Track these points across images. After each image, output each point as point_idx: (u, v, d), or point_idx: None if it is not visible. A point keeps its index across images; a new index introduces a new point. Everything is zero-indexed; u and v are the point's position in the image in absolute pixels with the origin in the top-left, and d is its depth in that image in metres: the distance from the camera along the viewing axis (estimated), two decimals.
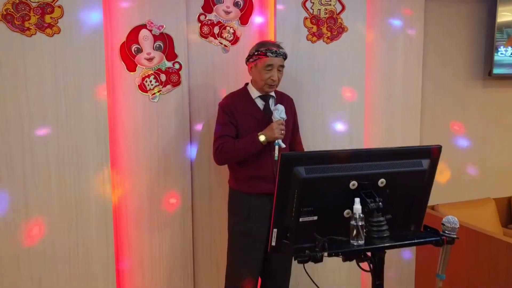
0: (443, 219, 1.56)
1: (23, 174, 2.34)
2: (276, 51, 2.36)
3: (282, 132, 2.31)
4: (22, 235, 2.36)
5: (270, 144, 2.34)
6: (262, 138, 2.31)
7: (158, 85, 2.63)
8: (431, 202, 3.30)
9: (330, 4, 2.87)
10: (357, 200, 1.45)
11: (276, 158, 2.31)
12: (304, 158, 1.48)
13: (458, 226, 1.55)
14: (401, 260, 3.34)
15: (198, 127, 2.75)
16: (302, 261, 1.41)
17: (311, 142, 2.85)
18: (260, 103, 2.45)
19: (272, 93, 2.49)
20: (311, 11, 2.84)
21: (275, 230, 1.51)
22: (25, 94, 2.31)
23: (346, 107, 2.97)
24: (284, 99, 2.53)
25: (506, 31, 3.45)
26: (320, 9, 2.85)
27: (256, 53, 2.38)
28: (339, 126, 2.97)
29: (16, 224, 2.35)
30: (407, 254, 3.36)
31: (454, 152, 3.56)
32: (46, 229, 2.40)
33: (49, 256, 2.42)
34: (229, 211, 2.55)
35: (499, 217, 3.60)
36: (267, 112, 2.41)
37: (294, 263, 2.51)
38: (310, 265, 1.42)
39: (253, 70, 2.43)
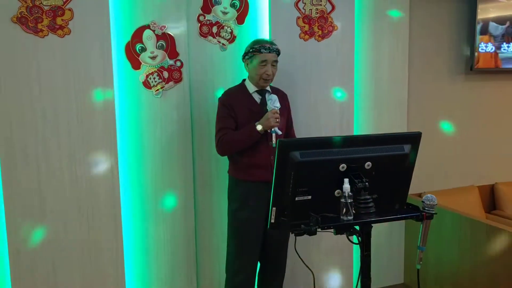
0: (423, 197, 1.76)
1: (37, 166, 2.51)
2: (269, 47, 2.56)
3: (277, 120, 2.49)
4: (37, 224, 2.53)
5: (266, 133, 2.52)
6: (259, 127, 2.50)
7: (161, 82, 2.80)
8: (417, 190, 3.54)
9: (321, 4, 3.06)
10: (346, 180, 1.64)
11: (274, 145, 2.49)
12: (299, 143, 1.67)
13: (436, 203, 1.75)
14: (390, 246, 3.55)
15: (199, 120, 2.92)
16: (299, 234, 1.60)
17: (304, 133, 3.05)
18: (257, 98, 2.64)
19: (268, 88, 2.67)
20: (303, 11, 3.03)
21: (274, 208, 1.70)
22: (38, 90, 2.48)
23: (336, 101, 3.16)
24: (279, 95, 2.71)
25: (485, 27, 3.66)
26: (311, 9, 3.04)
27: (251, 50, 2.57)
28: (330, 119, 3.17)
29: (31, 214, 2.52)
30: (396, 240, 3.57)
31: (440, 143, 3.76)
32: (60, 218, 2.57)
33: (62, 244, 2.59)
34: (228, 198, 2.73)
35: (482, 204, 3.82)
36: (264, 105, 2.60)
37: (290, 249, 2.73)
38: (304, 250, 1.59)
39: (249, 66, 2.62)
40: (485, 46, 3.67)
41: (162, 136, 2.83)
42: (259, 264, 2.79)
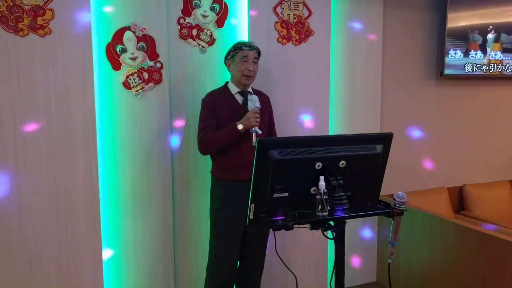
0: (394, 194, 1.86)
1: (16, 165, 2.51)
2: (249, 45, 2.67)
3: (258, 120, 2.55)
4: (14, 223, 2.53)
5: (248, 133, 2.57)
6: (240, 126, 2.56)
7: (141, 83, 2.84)
8: (389, 190, 3.67)
9: (298, 10, 3.15)
10: (321, 178, 1.72)
11: (254, 144, 2.54)
12: (277, 142, 1.74)
13: (406, 200, 1.85)
14: (364, 247, 3.65)
15: (178, 121, 2.97)
16: (276, 229, 1.67)
17: (283, 130, 3.13)
18: (239, 98, 2.71)
19: (250, 90, 2.75)
20: (281, 15, 3.11)
21: (252, 205, 1.77)
22: (18, 90, 2.49)
23: (313, 102, 3.26)
24: (261, 97, 2.78)
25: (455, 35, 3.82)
26: (289, 14, 3.13)
27: (232, 50, 2.67)
28: (307, 119, 3.26)
29: (9, 213, 2.52)
30: (369, 240, 3.68)
31: (410, 145, 3.90)
32: (37, 217, 2.58)
33: (40, 243, 2.60)
34: (211, 197, 2.79)
35: (451, 204, 3.97)
36: (246, 106, 2.66)
37: (269, 248, 2.80)
38: (281, 250, 1.62)
39: (231, 66, 2.69)
40: (454, 53, 3.83)
41: (141, 137, 2.87)
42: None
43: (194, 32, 2.97)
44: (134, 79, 2.83)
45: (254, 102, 2.60)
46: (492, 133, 4.26)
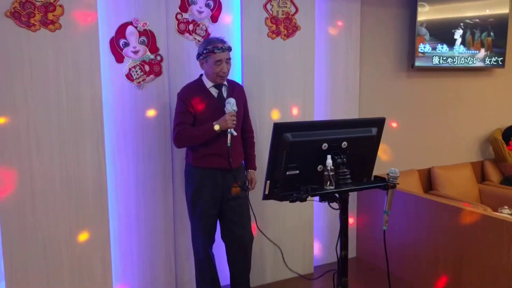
0: (388, 170, 2.14)
1: (29, 153, 2.66)
2: (221, 47, 2.78)
3: (234, 122, 2.75)
4: (28, 209, 2.68)
5: (223, 131, 2.74)
6: (216, 127, 2.73)
7: (143, 75, 3.02)
8: None
9: (286, 7, 3.40)
10: (329, 156, 1.97)
11: (229, 144, 2.70)
12: (291, 126, 1.99)
13: (398, 175, 2.14)
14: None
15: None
16: (292, 201, 1.92)
17: (271, 117, 3.40)
18: (214, 92, 2.88)
19: (225, 82, 2.91)
20: (271, 12, 3.35)
21: (268, 181, 2.00)
22: (30, 82, 2.62)
23: (300, 91, 3.53)
24: (235, 87, 2.97)
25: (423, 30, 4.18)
26: (278, 11, 3.37)
27: (204, 52, 2.78)
28: (294, 108, 3.53)
29: (23, 199, 2.66)
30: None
31: (385, 132, 4.18)
32: (50, 203, 2.73)
33: (52, 227, 2.76)
34: (186, 183, 2.98)
35: (421, 185, 4.35)
36: (221, 99, 2.84)
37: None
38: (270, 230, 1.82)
39: (204, 66, 2.84)
40: (424, 47, 4.18)
41: (143, 126, 3.05)
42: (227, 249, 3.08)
43: (191, 27, 3.16)
44: (136, 71, 3.00)
45: (232, 105, 2.76)
46: (456, 120, 4.67)
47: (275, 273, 3.59)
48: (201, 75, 2.93)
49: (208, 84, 2.88)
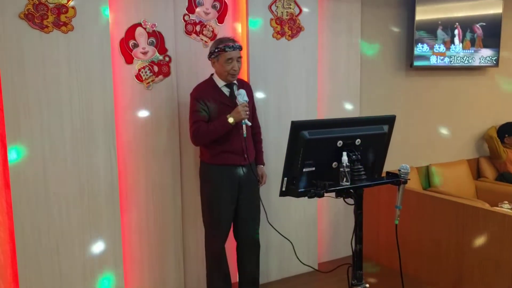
0: (399, 166, 2.22)
1: (43, 155, 2.68)
2: (232, 45, 2.84)
3: (247, 113, 2.81)
4: (42, 208, 2.71)
5: (237, 124, 2.81)
6: (231, 120, 2.79)
7: (152, 75, 3.06)
8: None
9: (290, 8, 3.47)
10: (344, 153, 2.04)
11: (245, 135, 2.80)
12: (307, 124, 2.05)
13: (409, 171, 2.21)
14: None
15: (184, 111, 3.20)
16: (311, 196, 1.99)
17: (277, 115, 3.46)
18: (226, 91, 2.94)
19: (235, 81, 2.97)
20: (275, 13, 3.41)
21: (285, 178, 2.06)
22: (44, 82, 2.66)
23: (303, 91, 3.59)
24: (244, 85, 3.03)
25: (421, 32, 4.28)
26: (282, 12, 3.44)
27: (216, 50, 2.84)
28: (298, 105, 3.60)
29: (37, 199, 2.69)
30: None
31: None
32: (63, 203, 2.77)
33: (65, 227, 2.79)
34: (202, 181, 3.04)
35: (420, 182, 4.44)
36: (233, 97, 2.90)
37: (262, 225, 3.11)
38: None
39: (216, 65, 2.90)
40: (421, 47, 4.28)
41: (152, 126, 3.09)
42: (237, 244, 3.15)
43: (198, 28, 3.21)
44: (145, 72, 3.04)
45: (242, 96, 2.82)
46: (452, 118, 4.78)
47: (281, 269, 3.65)
48: (212, 74, 2.98)
49: (220, 83, 2.93)
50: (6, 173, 2.65)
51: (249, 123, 2.83)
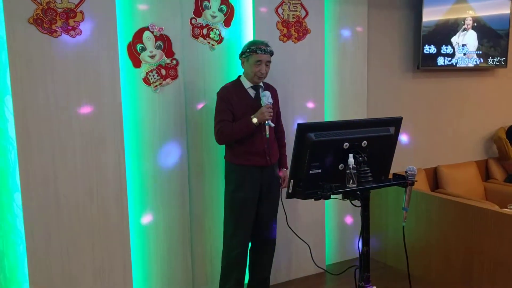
0: (407, 168, 2.22)
1: (53, 158, 2.71)
2: (264, 49, 2.91)
3: (271, 114, 2.87)
4: (52, 211, 2.73)
5: (261, 125, 2.88)
6: (254, 120, 2.85)
7: (160, 79, 3.08)
8: None
9: (296, 10, 3.48)
10: (351, 155, 2.04)
11: (267, 136, 2.87)
12: (314, 126, 2.06)
13: (416, 172, 2.21)
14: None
15: (192, 113, 3.23)
16: (317, 199, 1.99)
17: (283, 117, 3.42)
18: (252, 92, 3.00)
19: (261, 84, 3.04)
20: (282, 16, 3.43)
21: (291, 180, 2.07)
22: (52, 85, 2.69)
23: (310, 92, 3.61)
24: (270, 89, 3.08)
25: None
26: (289, 15, 3.45)
27: (248, 50, 2.92)
28: (305, 107, 3.61)
29: (47, 203, 2.72)
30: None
31: None
32: (72, 205, 2.79)
33: (75, 230, 2.81)
34: (226, 181, 3.07)
35: (428, 184, 4.43)
36: (258, 99, 2.95)
37: (279, 227, 3.12)
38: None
39: (245, 64, 2.96)
40: (429, 48, 4.27)
41: (160, 128, 3.11)
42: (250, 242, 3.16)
43: (205, 31, 3.23)
44: (153, 75, 3.06)
45: (267, 98, 2.89)
46: (460, 119, 4.76)
47: (289, 270, 3.66)
48: (239, 76, 3.04)
49: (247, 84, 2.98)
50: (16, 176, 2.68)
51: (272, 125, 2.89)
